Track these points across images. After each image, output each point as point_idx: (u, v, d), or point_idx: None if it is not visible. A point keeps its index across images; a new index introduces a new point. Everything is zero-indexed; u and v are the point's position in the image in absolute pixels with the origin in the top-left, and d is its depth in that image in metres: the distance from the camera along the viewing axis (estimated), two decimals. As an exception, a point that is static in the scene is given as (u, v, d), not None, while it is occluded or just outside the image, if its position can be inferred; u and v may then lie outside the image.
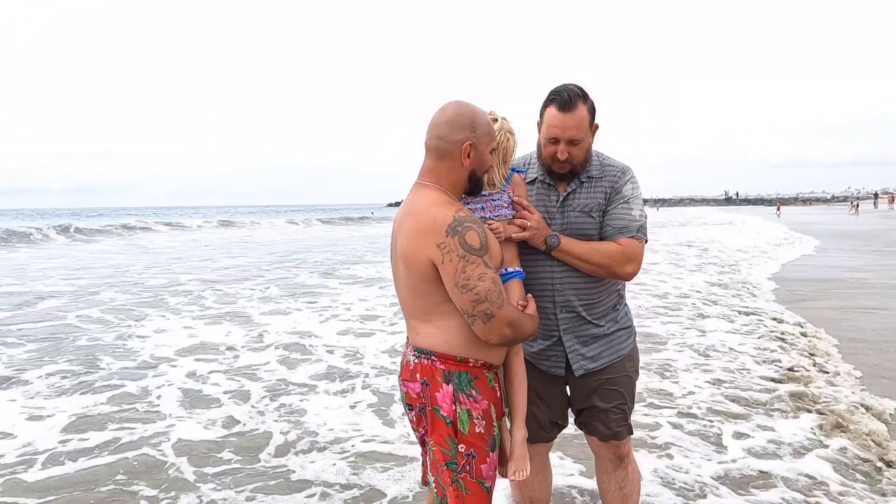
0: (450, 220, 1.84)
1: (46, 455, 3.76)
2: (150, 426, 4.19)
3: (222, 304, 8.88)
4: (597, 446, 2.55)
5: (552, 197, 2.38)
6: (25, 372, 5.44)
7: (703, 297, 9.04)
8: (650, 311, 7.91)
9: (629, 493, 2.55)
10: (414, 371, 1.96)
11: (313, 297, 9.54)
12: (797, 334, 6.42)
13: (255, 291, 10.17)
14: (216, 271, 13.45)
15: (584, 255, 2.28)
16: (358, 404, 4.59)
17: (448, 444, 1.91)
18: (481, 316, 1.84)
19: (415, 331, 1.99)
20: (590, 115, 2.27)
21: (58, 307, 8.75)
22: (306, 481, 3.42)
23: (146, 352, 6.15)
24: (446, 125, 1.93)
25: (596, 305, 2.40)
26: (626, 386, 2.47)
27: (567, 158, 2.27)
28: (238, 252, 19.19)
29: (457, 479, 1.91)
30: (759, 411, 4.30)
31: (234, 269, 13.95)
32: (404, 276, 1.95)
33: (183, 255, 18.41)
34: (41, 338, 6.78)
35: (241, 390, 4.94)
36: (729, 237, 23.27)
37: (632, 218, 2.33)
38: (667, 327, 6.94)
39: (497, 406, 1.99)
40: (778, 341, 6.17)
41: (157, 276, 12.48)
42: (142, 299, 9.43)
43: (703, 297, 9.04)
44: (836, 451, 3.62)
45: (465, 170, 1.97)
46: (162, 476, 3.49)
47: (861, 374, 5.03)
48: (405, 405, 2.05)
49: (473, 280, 1.82)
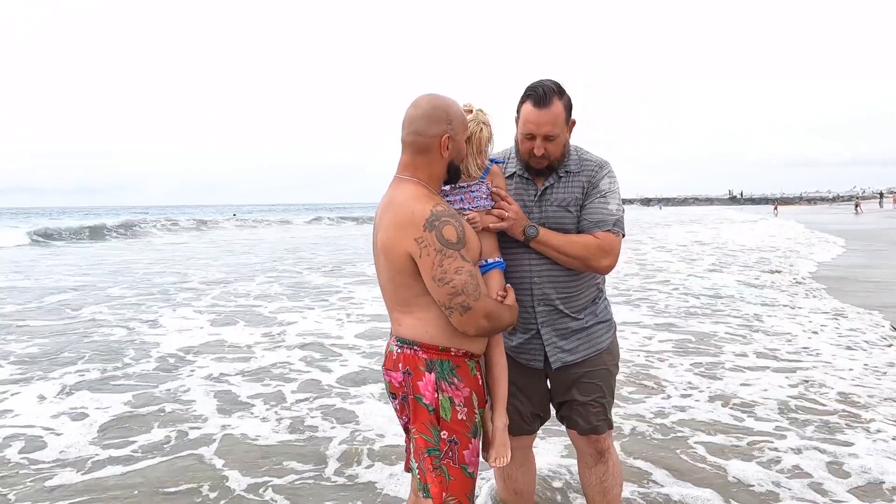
0: (427, 215, 1.89)
1: (87, 458, 3.63)
2: (192, 429, 4.06)
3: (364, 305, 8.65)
4: (577, 440, 2.57)
5: (530, 191, 2.41)
6: (54, 370, 5.45)
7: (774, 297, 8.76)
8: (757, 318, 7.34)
9: (609, 487, 2.58)
10: (397, 361, 2.02)
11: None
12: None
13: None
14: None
15: (561, 246, 2.31)
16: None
17: (430, 432, 1.97)
18: (458, 308, 1.90)
19: (397, 322, 2.04)
20: (566, 111, 2.29)
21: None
22: (373, 489, 3.22)
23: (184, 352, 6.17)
24: (423, 120, 1.98)
25: (574, 299, 2.42)
26: (606, 380, 2.49)
27: (543, 154, 2.30)
28: (340, 247, 19.97)
29: (440, 465, 1.96)
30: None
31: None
32: (384, 269, 2.00)
33: (296, 246, 19.48)
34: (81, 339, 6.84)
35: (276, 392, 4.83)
36: (749, 236, 22.90)
37: (608, 212, 2.35)
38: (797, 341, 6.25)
39: (479, 394, 2.05)
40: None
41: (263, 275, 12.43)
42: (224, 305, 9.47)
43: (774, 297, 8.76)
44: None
45: (444, 161, 2.02)
46: (214, 483, 3.30)
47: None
48: (389, 394, 2.11)
49: (450, 273, 1.87)
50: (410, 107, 2.02)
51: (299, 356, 5.89)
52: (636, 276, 11.33)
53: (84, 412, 4.40)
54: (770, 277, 10.96)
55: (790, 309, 7.91)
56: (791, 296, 8.96)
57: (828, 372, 5.16)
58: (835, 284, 9.93)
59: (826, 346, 5.97)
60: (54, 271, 13.39)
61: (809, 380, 4.92)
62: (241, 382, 5.09)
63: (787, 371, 5.19)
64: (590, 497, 2.62)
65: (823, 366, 5.34)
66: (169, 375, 5.31)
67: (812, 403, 4.40)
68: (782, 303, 8.38)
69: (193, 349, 6.18)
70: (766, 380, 4.94)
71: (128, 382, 5.11)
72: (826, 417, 4.13)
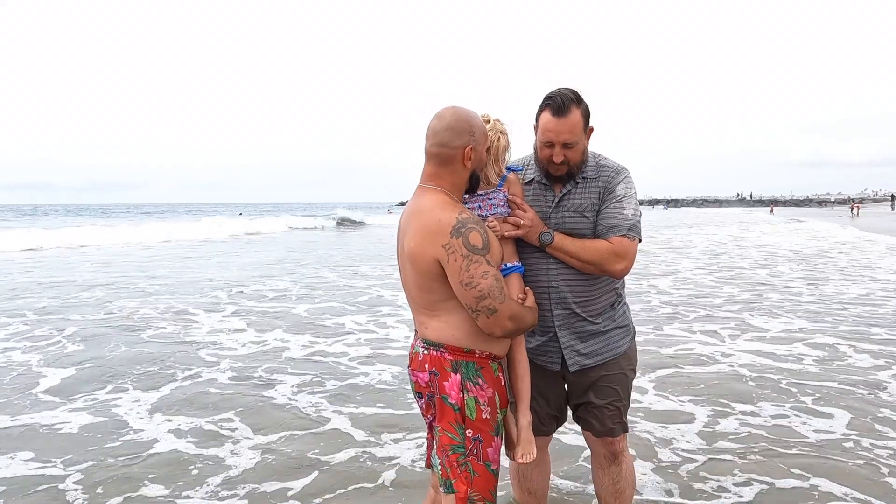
0: (454, 222, 1.98)
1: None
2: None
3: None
4: (592, 442, 2.63)
5: (548, 197, 2.47)
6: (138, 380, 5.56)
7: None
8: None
9: (622, 489, 2.63)
10: (423, 362, 2.10)
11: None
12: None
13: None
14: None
15: (575, 251, 2.37)
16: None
17: (456, 430, 2.05)
18: (485, 311, 1.98)
19: (423, 325, 2.13)
20: (583, 118, 2.35)
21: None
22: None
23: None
24: (447, 132, 2.05)
25: (591, 303, 2.48)
26: (622, 384, 2.54)
27: (563, 161, 2.36)
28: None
29: (465, 461, 2.04)
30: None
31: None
32: (411, 275, 2.09)
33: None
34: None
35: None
36: (796, 241, 22.00)
37: (623, 217, 2.40)
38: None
39: (501, 394, 2.13)
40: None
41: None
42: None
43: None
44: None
45: (467, 171, 2.11)
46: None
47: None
48: (415, 393, 2.19)
49: (477, 278, 1.95)
50: (434, 119, 2.10)
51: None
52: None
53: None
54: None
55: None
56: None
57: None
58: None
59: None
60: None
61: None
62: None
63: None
64: (602, 498, 2.67)
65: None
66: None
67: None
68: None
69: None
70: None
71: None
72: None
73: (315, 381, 5.24)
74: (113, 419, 4.39)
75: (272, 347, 6.45)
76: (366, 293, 10.12)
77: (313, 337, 6.92)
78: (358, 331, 7.23)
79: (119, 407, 4.63)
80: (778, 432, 4.03)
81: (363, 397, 4.83)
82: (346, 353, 6.17)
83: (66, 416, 4.44)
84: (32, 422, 4.34)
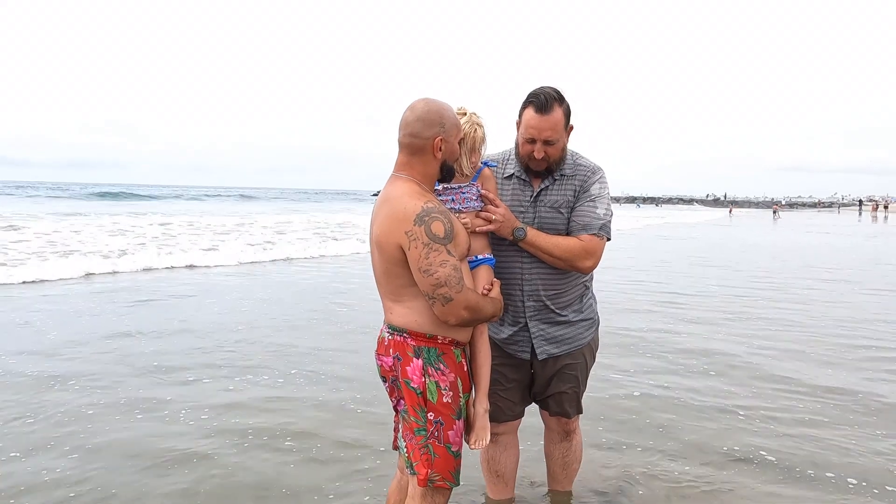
0: (418, 210, 2.02)
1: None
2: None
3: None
4: (547, 419, 2.84)
5: (526, 192, 2.55)
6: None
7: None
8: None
9: (570, 462, 2.90)
10: (388, 346, 2.16)
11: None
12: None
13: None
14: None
15: (547, 247, 2.45)
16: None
17: (418, 413, 2.10)
18: (440, 299, 2.03)
19: (389, 310, 2.18)
20: (565, 117, 2.42)
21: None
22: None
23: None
24: (418, 123, 2.10)
25: (561, 296, 2.58)
26: (582, 371, 2.70)
27: (543, 157, 2.44)
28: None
29: (426, 444, 2.10)
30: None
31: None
32: (378, 260, 2.14)
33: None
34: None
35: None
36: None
37: (596, 216, 2.50)
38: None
39: (464, 379, 2.19)
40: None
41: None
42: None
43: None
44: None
45: (438, 161, 2.16)
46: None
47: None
48: (381, 377, 2.25)
49: (435, 266, 2.00)
50: (407, 110, 2.14)
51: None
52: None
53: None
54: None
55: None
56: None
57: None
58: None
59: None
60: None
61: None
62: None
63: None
64: (551, 469, 2.94)
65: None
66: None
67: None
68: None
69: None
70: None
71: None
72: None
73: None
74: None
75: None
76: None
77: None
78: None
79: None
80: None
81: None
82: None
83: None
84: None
